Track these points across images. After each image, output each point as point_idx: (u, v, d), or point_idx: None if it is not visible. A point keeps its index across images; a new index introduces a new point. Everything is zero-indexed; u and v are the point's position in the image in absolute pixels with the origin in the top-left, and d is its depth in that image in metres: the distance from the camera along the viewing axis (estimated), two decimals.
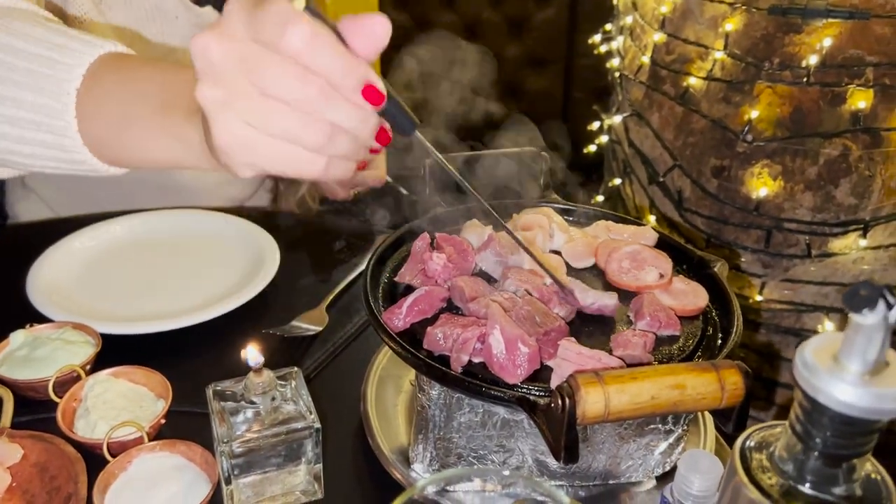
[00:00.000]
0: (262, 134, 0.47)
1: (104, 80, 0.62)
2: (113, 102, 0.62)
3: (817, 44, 1.09)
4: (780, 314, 1.33)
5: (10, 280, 0.88)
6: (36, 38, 0.65)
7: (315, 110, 0.46)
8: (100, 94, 0.62)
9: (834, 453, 0.37)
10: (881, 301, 0.33)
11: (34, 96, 0.63)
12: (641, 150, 1.38)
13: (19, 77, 0.63)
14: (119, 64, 0.64)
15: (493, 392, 0.55)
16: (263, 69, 0.45)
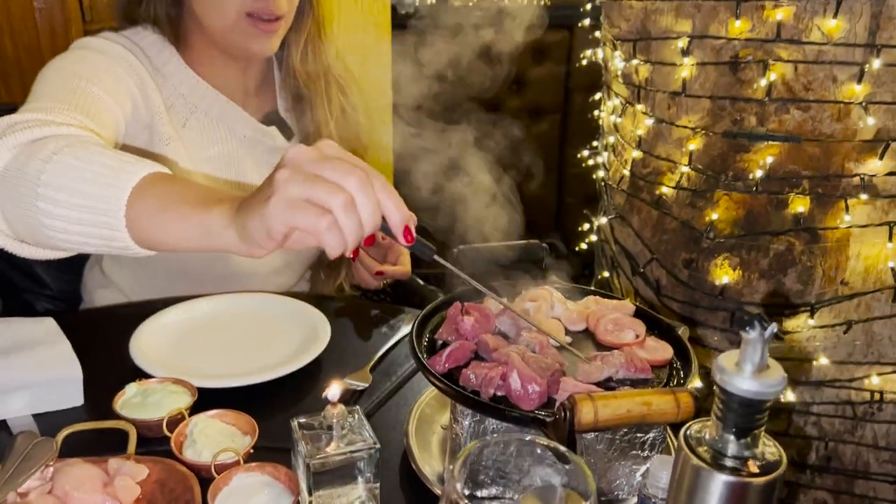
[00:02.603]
0: (305, 201, 0.66)
1: (152, 187, 0.78)
2: (153, 200, 0.77)
3: (762, 160, 1.33)
4: None
5: (113, 347, 1.07)
6: (102, 153, 0.82)
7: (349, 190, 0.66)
8: (145, 195, 0.78)
9: (741, 427, 0.56)
10: (757, 323, 0.53)
11: (96, 189, 0.78)
12: (625, 246, 1.60)
13: (87, 177, 0.79)
14: (164, 177, 0.80)
15: (514, 414, 0.74)
16: (325, 164, 0.66)
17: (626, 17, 1.50)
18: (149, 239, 0.79)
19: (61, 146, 0.83)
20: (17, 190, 0.82)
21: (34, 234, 0.84)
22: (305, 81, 1.35)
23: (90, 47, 1.18)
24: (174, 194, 0.77)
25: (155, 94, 1.22)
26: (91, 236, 0.80)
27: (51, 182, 0.79)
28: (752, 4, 1.29)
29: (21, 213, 0.82)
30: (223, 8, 1.20)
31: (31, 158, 0.82)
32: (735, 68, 1.34)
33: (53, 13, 2.04)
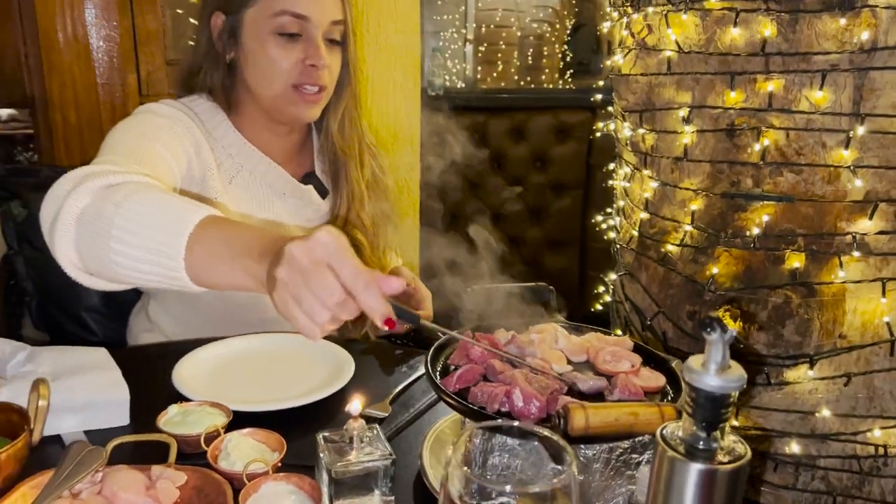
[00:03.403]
0: (296, 305, 0.76)
1: (206, 231, 0.88)
2: (207, 247, 0.87)
3: (758, 219, 1.41)
4: (756, 440, 1.54)
5: (157, 377, 1.16)
6: (166, 199, 0.93)
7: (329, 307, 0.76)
8: (202, 240, 0.87)
9: (709, 420, 0.63)
10: (718, 326, 0.61)
11: (161, 235, 0.88)
12: (634, 302, 1.67)
13: (153, 223, 0.89)
14: (218, 222, 0.90)
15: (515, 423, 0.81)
16: (312, 279, 0.75)
17: (632, 90, 1.62)
18: (204, 281, 0.89)
19: (131, 192, 0.93)
20: (93, 230, 0.92)
21: (105, 268, 0.93)
22: (342, 146, 1.48)
23: (152, 111, 1.32)
24: (225, 241, 0.87)
25: (207, 153, 1.35)
26: (155, 274, 0.90)
27: (123, 226, 0.89)
28: (745, 77, 1.40)
29: (95, 250, 0.92)
30: (273, 79, 1.34)
31: (106, 203, 0.92)
32: (731, 135, 1.44)
33: (114, 87, 2.23)
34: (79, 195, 0.95)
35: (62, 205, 0.95)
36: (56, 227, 0.95)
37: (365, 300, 0.77)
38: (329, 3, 1.34)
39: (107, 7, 2.19)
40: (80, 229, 0.94)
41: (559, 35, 4.51)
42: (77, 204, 0.95)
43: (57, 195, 0.97)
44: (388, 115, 2.59)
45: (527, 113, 3.66)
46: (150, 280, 0.92)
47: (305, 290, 0.76)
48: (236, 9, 1.35)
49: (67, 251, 0.96)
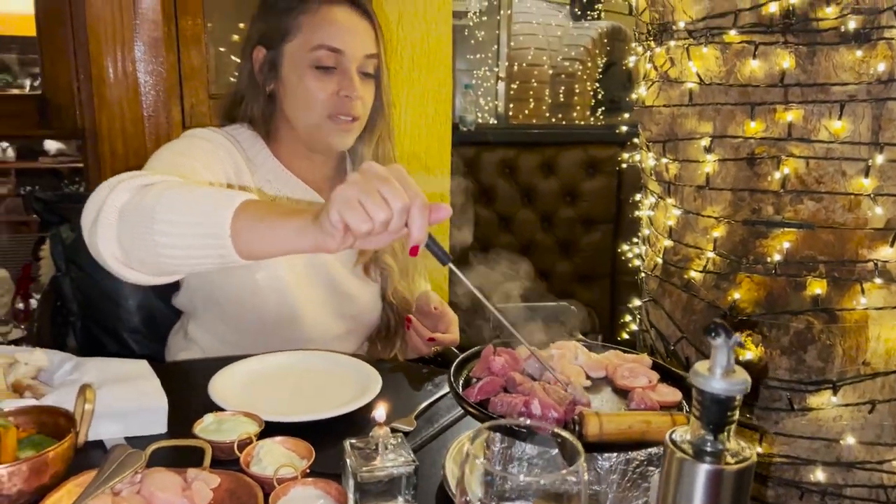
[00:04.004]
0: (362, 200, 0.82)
1: (250, 206, 0.93)
2: (252, 214, 0.92)
3: (779, 246, 1.43)
4: (781, 468, 1.53)
5: (194, 389, 1.21)
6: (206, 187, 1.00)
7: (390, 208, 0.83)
8: (246, 211, 0.92)
9: (715, 422, 0.65)
10: (722, 331, 0.64)
11: (204, 213, 0.93)
12: (658, 328, 1.69)
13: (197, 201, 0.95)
14: (259, 201, 0.96)
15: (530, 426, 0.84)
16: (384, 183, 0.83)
17: (655, 121, 1.66)
18: (249, 246, 0.92)
19: (169, 185, 1.00)
20: (135, 221, 0.97)
21: (150, 257, 0.98)
22: None
23: (196, 135, 1.40)
24: (268, 209, 0.93)
25: (247, 178, 1.41)
26: (200, 248, 0.94)
27: (165, 212, 0.95)
28: (765, 108, 1.44)
29: (140, 240, 0.97)
30: (310, 109, 1.41)
31: (146, 196, 0.98)
32: (752, 163, 1.47)
33: (159, 120, 2.33)
34: (118, 193, 1.01)
35: (102, 204, 1.01)
36: (98, 225, 1.00)
37: (416, 215, 0.84)
38: (363, 38, 1.41)
39: (155, 44, 2.30)
40: (122, 223, 0.99)
41: (590, 73, 4.57)
42: (117, 200, 1.01)
43: (96, 199, 1.03)
44: (420, 148, 2.66)
45: (557, 148, 3.70)
46: (197, 261, 0.96)
47: (375, 189, 0.83)
48: (277, 43, 1.42)
49: (110, 246, 1.01)
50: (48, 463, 0.89)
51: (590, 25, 4.63)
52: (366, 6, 1.44)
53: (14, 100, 3.15)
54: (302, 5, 1.41)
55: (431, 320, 1.48)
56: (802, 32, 1.38)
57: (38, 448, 0.92)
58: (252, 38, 1.48)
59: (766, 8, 1.40)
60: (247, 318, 1.44)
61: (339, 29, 1.39)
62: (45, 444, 0.92)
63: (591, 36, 4.51)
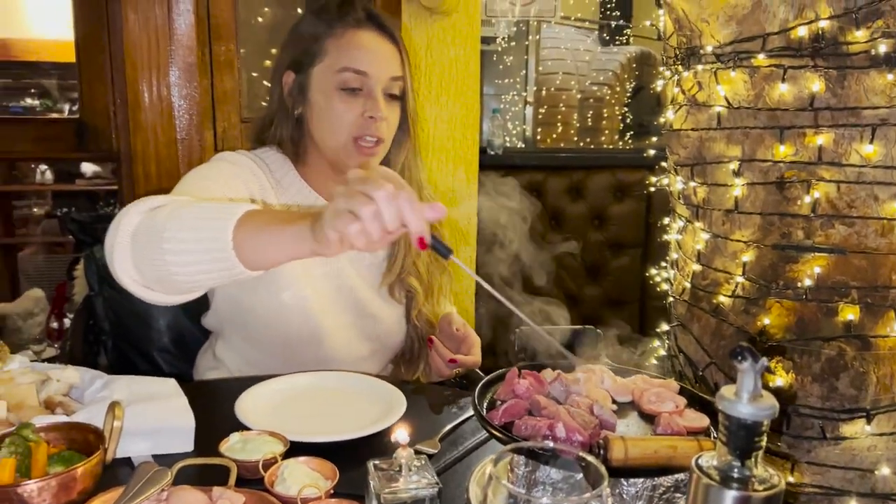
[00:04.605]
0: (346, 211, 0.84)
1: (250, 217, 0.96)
2: (253, 225, 0.95)
3: (810, 271, 1.41)
4: (814, 498, 1.50)
5: (221, 408, 1.22)
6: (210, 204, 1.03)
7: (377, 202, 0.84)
8: (246, 222, 0.95)
9: (742, 448, 0.64)
10: (749, 355, 0.63)
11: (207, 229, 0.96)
12: (687, 353, 1.67)
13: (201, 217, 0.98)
14: (260, 210, 0.99)
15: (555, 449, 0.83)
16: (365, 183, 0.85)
17: (683, 145, 1.65)
18: (253, 256, 0.96)
19: (177, 206, 1.03)
20: (146, 241, 1.01)
21: (161, 276, 1.02)
22: None
23: (224, 159, 1.43)
24: (269, 218, 0.96)
25: (272, 199, 1.43)
26: (207, 263, 0.97)
27: (174, 228, 0.98)
28: (794, 132, 1.42)
29: (151, 260, 1.01)
30: (336, 131, 1.43)
31: (156, 217, 1.02)
32: (782, 187, 1.45)
33: (192, 143, 2.38)
34: (130, 217, 1.05)
35: (118, 228, 1.05)
36: (114, 249, 1.04)
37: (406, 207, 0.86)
38: (388, 60, 1.43)
39: (189, 69, 2.35)
40: (135, 245, 1.03)
41: (619, 97, 4.57)
42: (130, 224, 1.05)
43: (113, 224, 1.07)
44: (448, 172, 2.67)
45: (585, 171, 3.69)
46: (207, 276, 1.00)
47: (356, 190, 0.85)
48: (305, 68, 1.45)
49: (126, 268, 1.05)
50: (77, 479, 0.90)
51: (618, 50, 4.64)
52: (391, 30, 1.47)
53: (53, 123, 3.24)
54: (329, 30, 1.43)
55: (454, 342, 1.48)
56: (832, 56, 1.37)
57: (67, 464, 0.93)
58: (282, 63, 1.51)
59: (794, 32, 1.39)
60: (273, 339, 1.46)
61: (365, 52, 1.41)
62: (75, 460, 0.94)
63: (620, 61, 4.52)
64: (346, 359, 1.49)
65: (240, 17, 2.52)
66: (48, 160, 4.35)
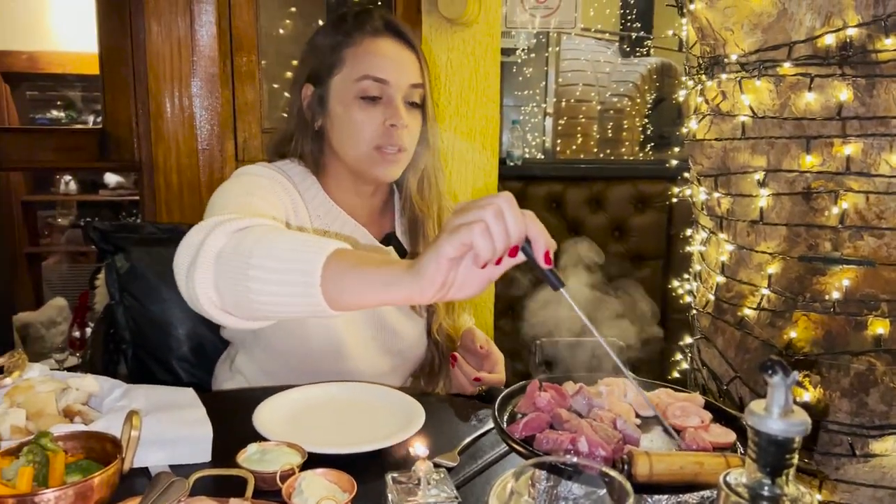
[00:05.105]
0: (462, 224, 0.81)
1: (341, 255, 0.92)
2: (343, 264, 0.90)
3: (838, 283, 1.38)
4: None
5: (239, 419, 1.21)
6: (299, 234, 0.99)
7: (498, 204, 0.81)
8: (336, 260, 0.91)
9: (773, 465, 0.62)
10: (780, 369, 0.61)
11: (297, 263, 0.92)
12: (710, 367, 1.64)
13: (291, 248, 0.94)
14: (347, 251, 0.94)
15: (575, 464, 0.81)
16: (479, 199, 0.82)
17: (707, 155, 1.63)
18: (339, 296, 0.91)
19: (265, 231, 1.00)
20: (231, 266, 0.97)
21: (243, 303, 0.98)
22: (420, 205, 1.53)
23: (251, 173, 1.41)
24: (360, 259, 0.92)
25: (303, 212, 1.42)
26: (291, 296, 0.93)
27: (260, 258, 0.94)
28: (821, 141, 1.40)
29: (234, 286, 0.97)
30: (357, 141, 1.41)
31: (243, 241, 0.98)
32: (808, 198, 1.43)
33: (213, 153, 2.39)
34: (215, 237, 1.01)
35: (199, 249, 1.00)
36: (195, 269, 1.00)
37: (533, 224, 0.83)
38: (408, 68, 1.42)
39: (211, 80, 2.37)
40: (219, 268, 0.99)
41: (639, 109, 4.55)
42: (215, 245, 1.00)
43: (191, 243, 1.03)
44: (467, 182, 2.66)
45: (605, 182, 3.67)
46: (287, 308, 0.96)
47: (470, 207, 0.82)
48: (323, 79, 1.44)
49: (207, 291, 1.00)
50: (94, 488, 0.90)
51: (639, 62, 4.62)
52: (409, 37, 1.46)
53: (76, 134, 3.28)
54: (346, 40, 1.43)
55: (477, 359, 1.46)
56: (860, 64, 1.34)
57: (84, 473, 0.93)
58: (300, 76, 1.50)
59: (821, 40, 1.37)
60: (293, 352, 1.45)
61: (384, 59, 1.40)
62: (92, 470, 0.93)
63: (640, 72, 4.50)
64: (366, 373, 1.48)
65: (261, 28, 2.54)
66: (72, 169, 4.40)
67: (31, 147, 2.72)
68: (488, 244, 0.80)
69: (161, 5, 2.31)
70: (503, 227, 0.81)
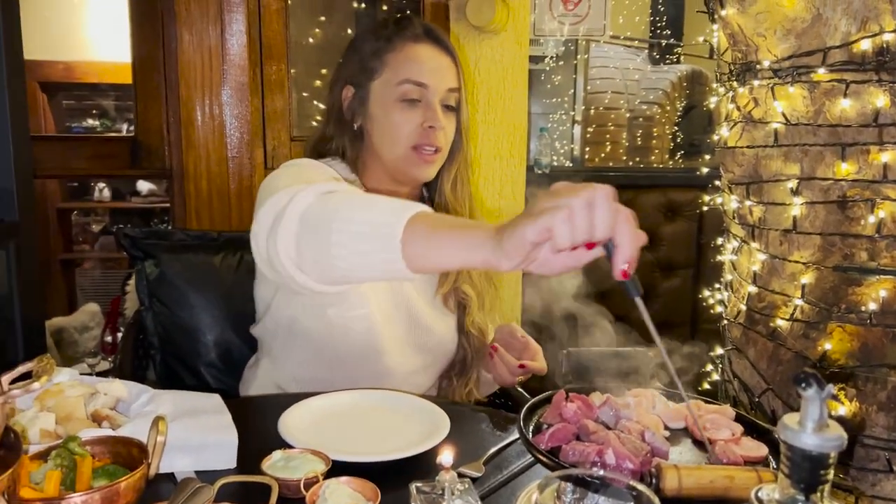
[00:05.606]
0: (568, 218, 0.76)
1: (423, 217, 0.91)
2: (425, 226, 0.89)
3: (874, 294, 1.34)
4: None
5: (265, 425, 1.21)
6: (381, 198, 0.98)
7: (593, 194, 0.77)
8: (418, 221, 0.90)
9: (807, 482, 0.60)
10: (814, 382, 0.60)
11: (382, 218, 0.92)
12: (742, 378, 1.61)
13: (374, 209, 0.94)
14: (432, 213, 0.93)
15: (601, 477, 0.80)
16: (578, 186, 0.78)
17: (739, 162, 1.60)
18: (419, 257, 0.90)
19: (351, 192, 1.02)
20: (315, 225, 0.98)
21: (322, 263, 0.98)
22: (454, 204, 1.56)
23: (299, 164, 1.44)
24: (441, 222, 0.91)
25: None
26: (371, 255, 0.93)
27: (344, 215, 0.95)
28: (857, 149, 1.37)
29: (316, 245, 0.98)
30: (396, 141, 1.45)
31: (328, 202, 1.00)
32: (843, 207, 1.39)
33: (242, 160, 2.41)
34: (302, 197, 1.02)
35: (286, 207, 1.02)
36: (279, 225, 1.01)
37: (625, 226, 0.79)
38: (446, 72, 1.46)
39: (241, 89, 2.40)
40: (303, 225, 1.00)
41: (669, 117, 4.51)
42: (302, 202, 1.02)
43: (275, 204, 1.05)
44: (494, 188, 2.65)
45: (634, 191, 3.64)
46: (366, 271, 0.96)
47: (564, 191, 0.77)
48: (364, 82, 1.49)
49: (288, 248, 1.01)
50: (120, 493, 0.90)
51: (669, 69, 4.59)
52: (448, 44, 1.50)
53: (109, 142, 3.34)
54: (387, 45, 1.47)
55: (515, 350, 1.47)
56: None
57: (111, 478, 0.93)
58: (340, 79, 1.54)
59: (857, 45, 1.34)
60: (328, 352, 1.46)
61: (424, 64, 1.44)
62: (119, 475, 0.94)
63: (671, 79, 4.46)
64: (400, 372, 1.48)
65: (291, 37, 2.56)
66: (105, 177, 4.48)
67: (65, 155, 2.77)
68: (567, 233, 0.77)
69: (192, 15, 2.34)
70: (588, 220, 0.77)
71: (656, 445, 0.88)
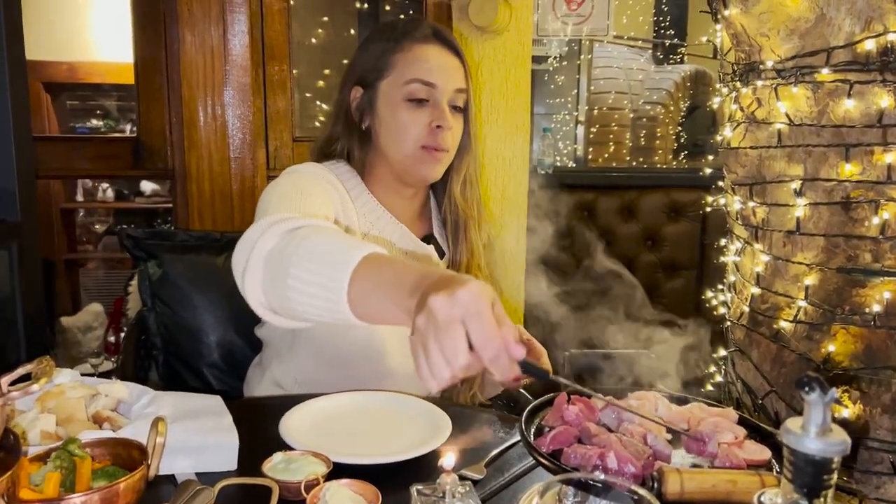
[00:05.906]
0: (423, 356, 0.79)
1: (367, 268, 0.92)
2: (366, 282, 0.91)
3: (878, 295, 1.33)
4: None
5: (266, 427, 1.21)
6: (335, 239, 0.99)
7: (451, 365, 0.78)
8: (361, 277, 0.92)
9: (810, 486, 0.60)
10: (817, 386, 0.59)
11: (328, 273, 0.93)
12: (745, 380, 1.60)
13: (321, 261, 0.95)
14: (379, 260, 0.94)
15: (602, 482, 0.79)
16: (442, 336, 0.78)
17: (742, 163, 1.60)
18: (362, 314, 0.93)
19: (309, 233, 1.01)
20: (276, 268, 1.00)
21: (284, 306, 1.01)
22: (463, 206, 1.56)
23: (299, 171, 1.44)
24: (381, 278, 0.92)
25: (351, 210, 1.45)
26: (323, 309, 0.96)
27: (298, 264, 0.96)
28: (861, 149, 1.36)
29: (276, 288, 1.00)
30: (404, 141, 1.45)
31: (289, 244, 1.00)
32: (847, 208, 1.39)
33: (244, 161, 2.41)
34: (267, 238, 1.04)
35: (252, 248, 1.04)
36: (247, 269, 1.03)
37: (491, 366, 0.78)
38: (453, 73, 1.47)
39: (243, 89, 2.39)
40: (266, 269, 1.02)
41: (673, 117, 4.50)
42: (265, 246, 1.04)
43: (248, 241, 1.06)
44: (497, 189, 2.65)
45: (637, 191, 3.63)
46: (319, 314, 0.98)
47: (434, 344, 0.78)
48: (372, 82, 1.49)
49: (255, 291, 1.04)
50: (119, 494, 0.90)
51: (672, 69, 4.58)
52: (455, 45, 1.51)
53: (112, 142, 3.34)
54: (396, 46, 1.47)
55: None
56: None
57: (110, 479, 0.93)
58: (348, 79, 1.54)
59: (861, 45, 1.33)
60: (330, 353, 1.46)
61: (432, 64, 1.45)
62: (118, 476, 0.94)
63: (674, 80, 4.45)
64: (403, 373, 1.48)
65: (293, 38, 2.56)
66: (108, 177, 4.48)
67: (68, 155, 2.77)
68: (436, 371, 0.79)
69: (195, 16, 2.34)
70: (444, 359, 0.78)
71: (658, 448, 0.87)
